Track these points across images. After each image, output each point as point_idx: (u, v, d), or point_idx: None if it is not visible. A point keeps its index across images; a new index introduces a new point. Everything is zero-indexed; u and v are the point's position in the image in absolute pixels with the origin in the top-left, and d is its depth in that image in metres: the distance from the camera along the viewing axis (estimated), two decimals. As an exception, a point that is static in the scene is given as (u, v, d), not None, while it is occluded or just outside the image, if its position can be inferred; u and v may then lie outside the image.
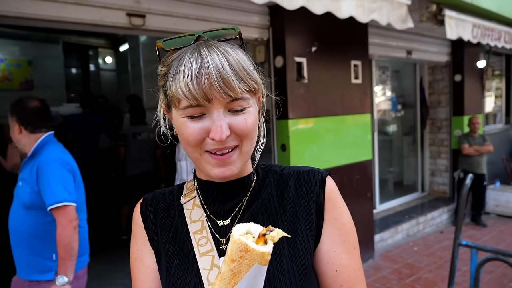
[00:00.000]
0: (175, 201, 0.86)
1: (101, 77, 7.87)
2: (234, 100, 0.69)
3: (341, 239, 0.77)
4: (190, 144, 0.71)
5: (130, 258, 0.86)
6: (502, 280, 3.73)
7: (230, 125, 0.69)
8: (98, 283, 3.61)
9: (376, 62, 5.16)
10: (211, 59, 0.67)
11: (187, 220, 0.81)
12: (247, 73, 0.70)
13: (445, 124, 6.17)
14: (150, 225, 0.84)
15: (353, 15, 2.95)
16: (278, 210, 0.79)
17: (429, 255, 4.44)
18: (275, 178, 0.83)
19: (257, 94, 0.75)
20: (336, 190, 0.81)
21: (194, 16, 2.94)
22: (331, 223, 0.78)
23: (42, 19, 2.35)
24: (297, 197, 0.79)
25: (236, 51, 0.71)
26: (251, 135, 0.73)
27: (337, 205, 0.79)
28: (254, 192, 0.81)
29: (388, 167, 6.07)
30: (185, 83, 0.66)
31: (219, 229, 0.79)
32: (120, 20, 2.60)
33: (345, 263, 0.76)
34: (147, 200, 0.87)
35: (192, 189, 0.85)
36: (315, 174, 0.81)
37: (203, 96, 0.66)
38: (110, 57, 7.89)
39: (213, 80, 0.66)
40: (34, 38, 6.16)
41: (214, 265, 0.74)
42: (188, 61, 0.68)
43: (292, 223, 0.77)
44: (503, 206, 5.89)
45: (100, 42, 7.66)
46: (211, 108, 0.68)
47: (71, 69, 7.55)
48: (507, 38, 4.88)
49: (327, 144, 3.81)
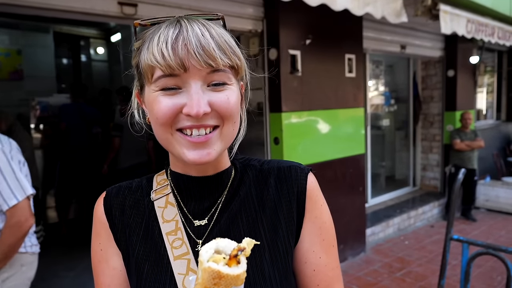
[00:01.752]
0: (144, 197, 0.77)
1: (92, 68, 7.75)
2: (215, 72, 0.62)
3: (320, 238, 0.74)
4: (160, 121, 0.63)
5: (92, 259, 0.78)
6: (491, 274, 3.77)
7: (211, 102, 0.62)
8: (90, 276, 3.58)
9: (370, 56, 5.16)
10: (191, 28, 0.61)
11: (159, 219, 0.73)
12: (230, 47, 0.63)
13: (437, 119, 6.20)
14: (116, 224, 0.75)
15: (348, 8, 2.93)
16: (257, 209, 0.73)
17: (420, 249, 4.48)
18: (254, 174, 0.77)
19: (240, 74, 0.69)
20: (318, 188, 0.77)
21: (187, 5, 2.89)
22: (311, 221, 0.74)
23: (30, 6, 2.30)
24: (277, 195, 0.74)
25: (219, 26, 0.65)
26: (234, 116, 0.66)
27: (318, 203, 0.76)
28: (232, 190, 0.75)
29: (380, 161, 6.09)
30: (159, 49, 0.60)
31: (195, 229, 0.72)
32: (111, 8, 2.55)
33: (322, 262, 0.74)
34: (111, 195, 0.77)
35: (165, 184, 0.77)
36: (296, 171, 0.76)
37: (178, 63, 0.59)
38: (102, 47, 7.78)
39: (191, 47, 0.59)
40: (24, 27, 6.03)
41: (190, 269, 0.68)
42: (164, 30, 0.62)
43: (272, 223, 0.72)
44: (492, 201, 5.96)
45: (92, 32, 7.54)
46: (188, 79, 0.61)
47: (62, 59, 7.42)
48: (500, 34, 4.90)
49: (320, 138, 3.80)
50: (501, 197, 5.87)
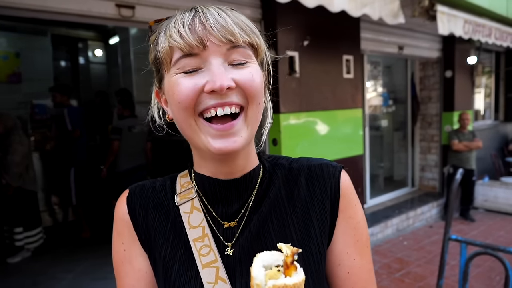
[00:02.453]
0: (169, 199, 0.73)
1: (90, 70, 7.75)
2: (235, 48, 0.59)
3: (354, 239, 0.71)
4: (182, 104, 0.59)
5: (115, 260, 0.74)
6: (490, 274, 3.77)
7: (234, 79, 0.59)
8: (90, 278, 3.57)
9: (368, 57, 5.17)
10: (207, 10, 0.60)
11: (185, 225, 0.69)
12: (248, 26, 0.62)
13: (435, 120, 6.21)
14: (140, 225, 0.71)
15: (345, 9, 2.93)
16: (288, 210, 0.70)
17: (419, 250, 4.48)
18: (283, 173, 0.74)
19: (260, 55, 0.66)
20: (351, 186, 0.73)
21: (184, 7, 2.88)
22: (345, 221, 0.71)
23: (28, 9, 2.29)
24: (309, 195, 0.71)
25: (236, 11, 0.64)
26: (258, 96, 0.63)
27: (352, 202, 0.72)
28: (262, 190, 0.71)
29: (378, 162, 6.10)
30: (176, 30, 0.58)
31: (224, 231, 0.69)
32: (109, 10, 2.55)
33: (357, 264, 0.71)
34: (135, 194, 0.73)
35: (189, 187, 0.73)
36: (328, 168, 0.72)
37: (197, 40, 0.57)
38: (100, 50, 7.78)
39: (208, 24, 0.58)
40: (21, 30, 6.03)
41: (220, 278, 0.65)
42: (180, 15, 0.61)
43: (305, 225, 0.69)
44: (491, 201, 5.97)
45: (90, 34, 7.54)
46: (208, 57, 0.58)
47: (60, 61, 7.42)
48: (498, 35, 4.92)
49: (318, 139, 3.80)
50: (500, 197, 5.88)
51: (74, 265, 3.84)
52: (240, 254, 0.68)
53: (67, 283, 3.50)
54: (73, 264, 3.87)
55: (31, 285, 3.42)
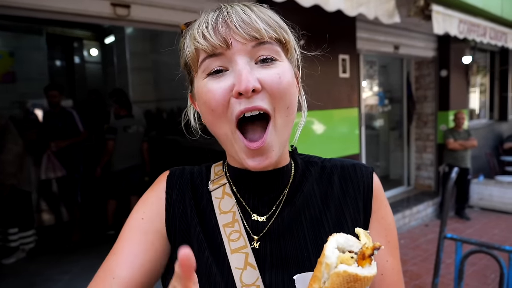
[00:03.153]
0: (204, 185, 0.73)
1: (86, 70, 7.72)
2: (261, 44, 0.58)
3: (386, 239, 0.72)
4: (216, 112, 0.59)
5: (126, 224, 0.70)
6: (485, 272, 3.80)
7: (260, 79, 0.57)
8: (85, 278, 3.55)
9: (363, 57, 5.17)
10: (231, 7, 0.59)
11: (216, 210, 0.69)
12: (274, 21, 0.60)
13: (431, 119, 6.24)
14: (172, 203, 0.70)
15: (341, 9, 2.94)
16: (321, 208, 0.70)
17: (415, 248, 4.51)
18: (316, 170, 0.74)
19: (289, 51, 0.65)
20: (382, 187, 0.74)
21: (180, 7, 2.89)
22: (377, 222, 0.72)
23: (24, 8, 2.28)
24: (342, 193, 0.71)
25: (265, 7, 0.62)
26: (286, 99, 0.61)
27: (383, 203, 0.73)
28: (294, 185, 0.71)
29: (374, 161, 6.12)
30: (200, 32, 0.58)
31: (253, 223, 0.68)
32: (104, 10, 2.54)
33: (389, 266, 0.71)
34: (175, 175, 0.74)
35: (221, 174, 0.73)
36: (361, 169, 0.74)
37: (220, 40, 0.57)
38: (96, 49, 7.75)
39: (232, 22, 0.57)
40: (16, 29, 6.00)
41: (249, 264, 0.64)
42: (204, 16, 0.61)
43: (338, 222, 0.69)
44: (486, 199, 6.01)
45: (85, 33, 7.51)
46: (233, 56, 0.57)
47: (55, 61, 7.39)
48: (492, 34, 4.95)
49: (314, 138, 3.81)
50: (495, 195, 5.92)
51: (71, 266, 3.82)
52: (270, 245, 0.66)
53: (64, 284, 3.49)
54: (69, 265, 3.85)
55: (28, 287, 3.40)
